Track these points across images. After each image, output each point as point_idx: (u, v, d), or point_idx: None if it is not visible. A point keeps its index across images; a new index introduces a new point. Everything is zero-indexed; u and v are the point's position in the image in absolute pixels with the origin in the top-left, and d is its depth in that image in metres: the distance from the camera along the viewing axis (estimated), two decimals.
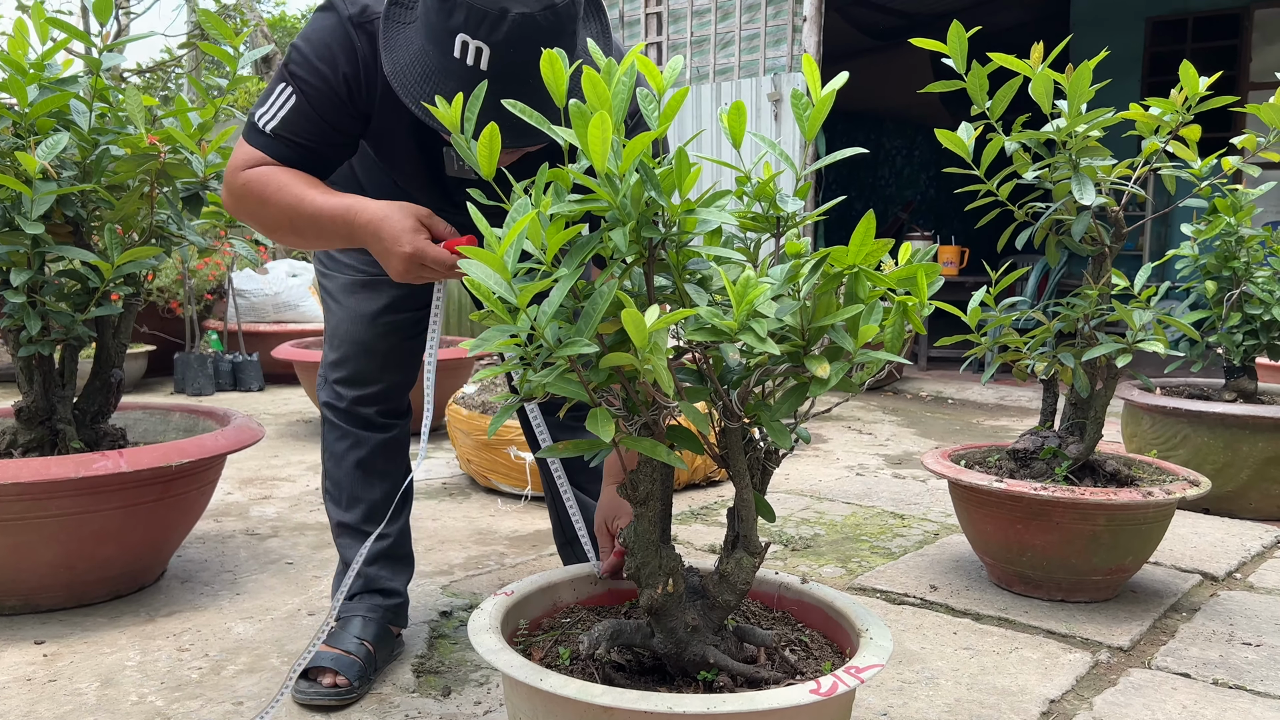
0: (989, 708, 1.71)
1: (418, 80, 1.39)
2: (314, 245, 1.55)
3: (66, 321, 2.11)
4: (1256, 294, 2.98)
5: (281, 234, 1.53)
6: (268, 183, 1.49)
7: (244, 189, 1.51)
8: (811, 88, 1.30)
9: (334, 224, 1.46)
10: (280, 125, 1.50)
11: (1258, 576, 2.45)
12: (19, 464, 1.93)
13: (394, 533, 1.88)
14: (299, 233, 1.51)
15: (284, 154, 1.50)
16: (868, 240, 1.21)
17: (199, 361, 5.25)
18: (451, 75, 1.37)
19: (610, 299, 1.10)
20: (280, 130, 1.50)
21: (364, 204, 1.44)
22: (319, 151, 1.53)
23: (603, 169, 1.08)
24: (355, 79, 1.50)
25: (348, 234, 1.45)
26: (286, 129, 1.50)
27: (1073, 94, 2.00)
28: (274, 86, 1.52)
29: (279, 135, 1.50)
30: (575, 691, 1.12)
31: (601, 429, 1.09)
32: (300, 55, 1.50)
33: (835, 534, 2.79)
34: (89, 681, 1.77)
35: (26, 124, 2.06)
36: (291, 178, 1.49)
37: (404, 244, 1.38)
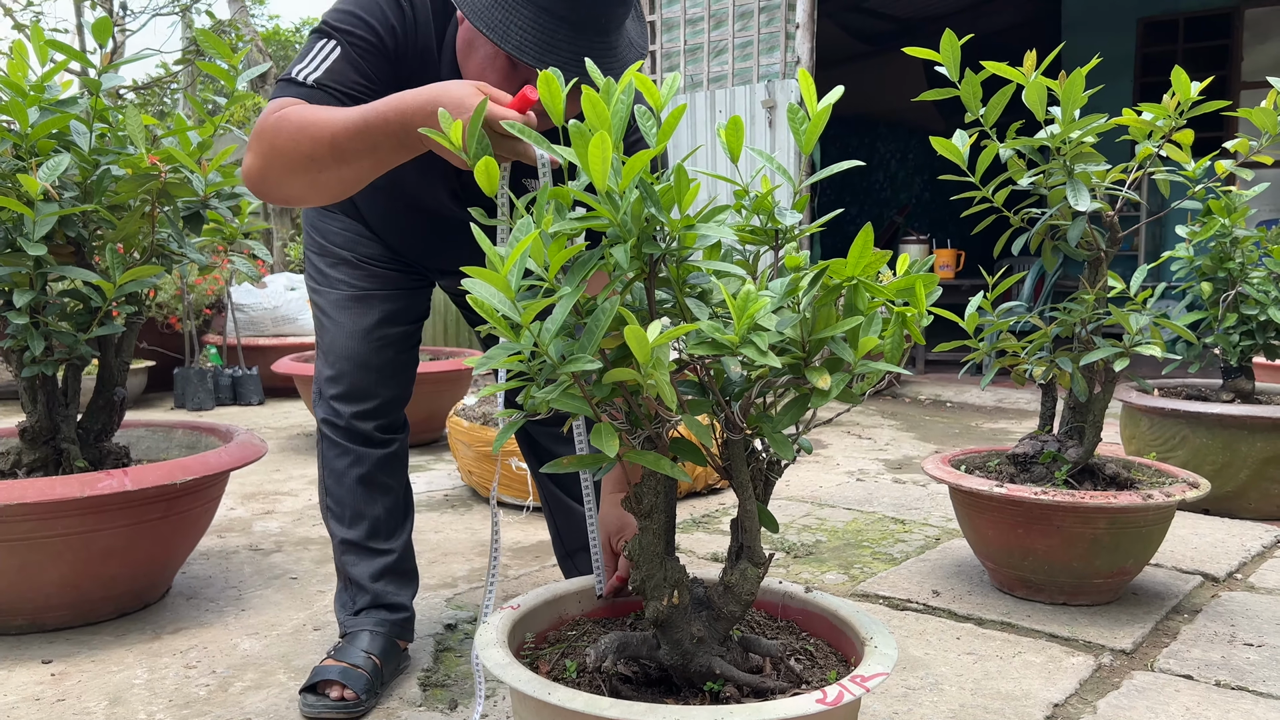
0: (993, 713, 1.72)
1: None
2: (358, 165, 1.40)
3: (69, 341, 2.12)
4: (1252, 294, 2.99)
5: (320, 164, 1.40)
6: (305, 111, 1.40)
7: (279, 121, 1.41)
8: (807, 101, 1.31)
9: (382, 118, 1.34)
10: (324, 75, 1.45)
11: (1258, 577, 2.47)
12: (24, 484, 1.94)
13: (398, 548, 1.89)
14: (340, 153, 1.38)
15: (325, 102, 1.45)
16: (866, 251, 1.22)
17: (199, 376, 5.26)
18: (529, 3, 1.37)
19: (612, 315, 1.11)
20: (324, 80, 1.45)
21: (409, 91, 1.35)
22: (347, 97, 1.46)
23: (603, 187, 1.10)
24: (402, 34, 1.50)
25: (400, 122, 1.33)
26: (330, 78, 1.45)
27: (1066, 100, 2.02)
28: (312, 45, 1.48)
29: (321, 84, 1.45)
30: (583, 705, 1.13)
31: (606, 444, 1.10)
32: (343, 12, 1.48)
33: (837, 540, 2.80)
34: (97, 700, 1.78)
35: (27, 145, 2.08)
36: (329, 108, 1.41)
37: (468, 86, 1.31)
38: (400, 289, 1.86)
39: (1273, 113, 2.06)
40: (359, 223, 1.85)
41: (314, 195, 1.47)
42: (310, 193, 1.46)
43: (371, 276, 1.84)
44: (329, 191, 1.46)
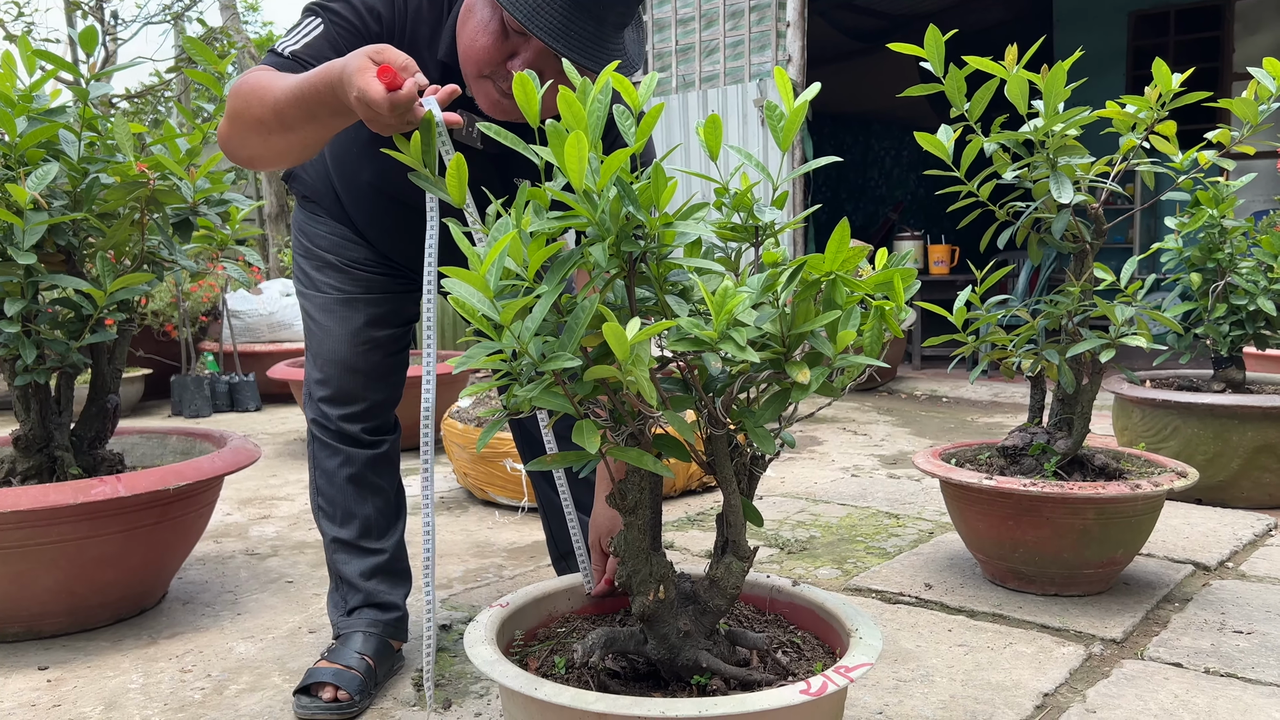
0: (984, 703, 1.73)
1: None
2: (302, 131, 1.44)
3: (62, 349, 2.13)
4: (1241, 284, 3.00)
5: (269, 128, 1.45)
6: (263, 76, 1.45)
7: (241, 84, 1.46)
8: (784, 99, 1.32)
9: (313, 86, 1.38)
10: (300, 49, 1.50)
11: (1249, 565, 2.48)
12: (18, 492, 1.95)
13: (390, 547, 1.90)
14: (283, 119, 1.42)
15: (283, 64, 1.49)
16: (844, 246, 1.23)
17: (195, 384, 5.27)
18: None
19: (592, 313, 1.12)
20: (300, 53, 1.49)
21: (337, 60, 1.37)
22: None
23: (580, 186, 1.11)
24: (389, 19, 1.53)
25: (329, 88, 1.36)
26: (306, 52, 1.49)
27: (1048, 94, 2.03)
28: (300, 20, 1.53)
29: (297, 56, 1.49)
30: (570, 699, 1.14)
31: (588, 441, 1.11)
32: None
33: (831, 536, 2.81)
34: (93, 706, 1.79)
35: (16, 155, 2.09)
36: (282, 75, 1.45)
37: (358, 55, 1.33)
38: (388, 292, 1.87)
39: (1253, 103, 2.07)
40: (346, 226, 1.86)
41: (271, 157, 1.51)
42: (267, 154, 1.50)
43: (358, 280, 1.85)
44: (283, 154, 1.50)
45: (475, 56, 1.48)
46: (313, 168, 1.84)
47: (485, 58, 1.46)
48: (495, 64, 1.47)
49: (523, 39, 1.45)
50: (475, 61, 1.48)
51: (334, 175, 1.81)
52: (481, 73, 1.49)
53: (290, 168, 1.67)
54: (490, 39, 1.45)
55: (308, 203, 1.88)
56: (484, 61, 1.47)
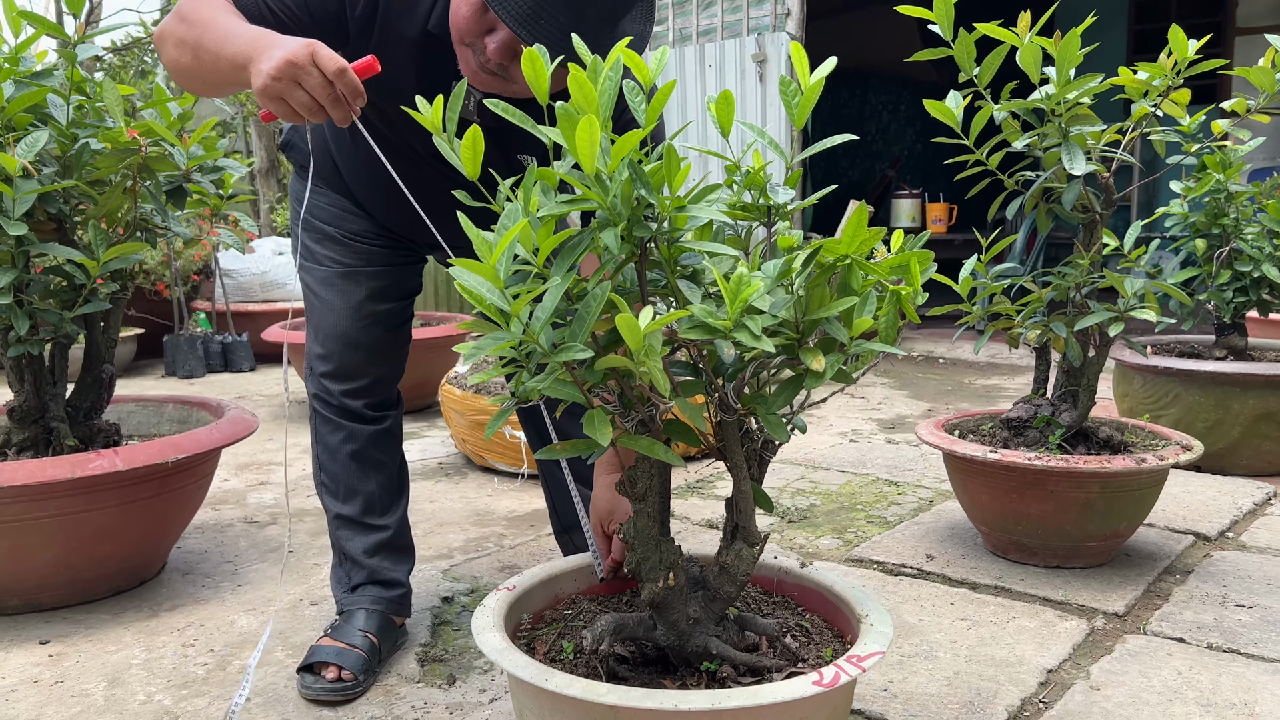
0: (988, 680, 1.73)
1: None
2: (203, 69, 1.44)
3: (55, 320, 2.10)
4: (1246, 250, 2.98)
5: (189, 52, 1.45)
6: (210, 3, 1.45)
7: (188, 3, 1.46)
8: (800, 75, 1.29)
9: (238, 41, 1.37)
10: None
11: (1250, 535, 2.48)
12: (14, 466, 1.92)
13: (393, 523, 1.88)
14: (198, 49, 1.43)
15: (247, 6, 1.47)
16: (860, 229, 1.20)
17: (189, 344, 5.23)
18: None
19: (604, 301, 1.09)
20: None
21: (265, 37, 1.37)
22: (280, 28, 1.48)
23: (592, 170, 1.07)
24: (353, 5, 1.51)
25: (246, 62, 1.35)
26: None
27: (1061, 61, 1.99)
28: None
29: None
30: (581, 691, 1.13)
31: (599, 433, 1.09)
32: None
33: (831, 504, 2.81)
34: (96, 681, 1.78)
35: (3, 121, 2.03)
36: (225, 17, 1.44)
37: (301, 41, 1.32)
38: (389, 265, 1.84)
39: (1270, 71, 2.03)
40: (345, 198, 1.83)
41: (181, 77, 1.50)
42: (177, 74, 1.50)
43: (358, 253, 1.81)
44: (189, 81, 1.50)
45: (457, 24, 1.45)
46: (311, 137, 1.80)
47: (465, 27, 1.43)
48: (474, 35, 1.43)
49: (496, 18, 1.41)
50: (457, 29, 1.45)
51: (332, 145, 1.77)
52: (462, 40, 1.45)
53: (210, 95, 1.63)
54: (470, 10, 1.42)
55: (306, 173, 1.84)
56: (464, 31, 1.44)
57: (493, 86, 1.47)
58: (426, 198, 1.72)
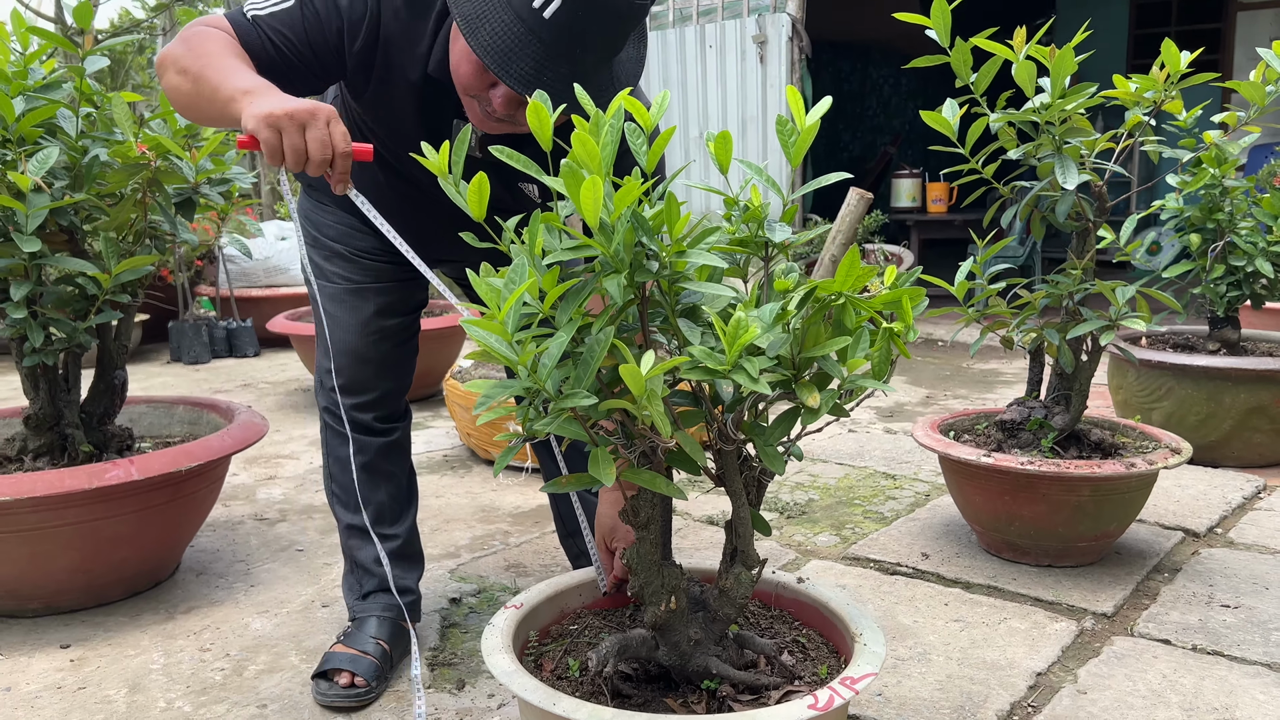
0: (979, 683, 1.80)
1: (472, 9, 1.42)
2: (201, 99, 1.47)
3: (68, 330, 2.14)
4: (1240, 245, 3.01)
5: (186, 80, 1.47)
6: (217, 43, 1.47)
7: (199, 34, 1.49)
8: (796, 116, 1.32)
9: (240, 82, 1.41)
10: (266, 18, 1.51)
11: (1238, 531, 2.54)
12: (34, 477, 1.98)
13: (403, 532, 1.94)
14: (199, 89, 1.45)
15: (251, 41, 1.50)
16: (854, 268, 1.25)
17: (194, 330, 5.28)
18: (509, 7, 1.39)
19: (607, 346, 1.14)
20: (263, 20, 1.50)
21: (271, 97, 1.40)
22: (284, 61, 1.52)
23: (595, 224, 1.11)
24: (353, 35, 1.53)
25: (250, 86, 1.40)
26: (269, 23, 1.50)
27: (1055, 75, 2.02)
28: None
29: (259, 23, 1.50)
30: (586, 716, 1.18)
31: (604, 473, 1.14)
32: None
33: (829, 498, 2.87)
34: (117, 688, 1.85)
35: (15, 136, 2.07)
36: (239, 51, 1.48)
37: (328, 106, 1.37)
38: (396, 280, 1.88)
39: (1260, 86, 2.06)
40: (353, 215, 1.86)
41: (178, 104, 1.52)
42: (176, 100, 1.51)
43: (366, 270, 1.86)
44: (186, 109, 1.51)
45: (460, 79, 1.50)
46: None
47: (468, 82, 1.48)
48: (478, 90, 1.48)
49: None
50: (460, 82, 1.50)
51: None
52: (467, 92, 1.50)
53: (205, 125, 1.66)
54: (471, 68, 1.46)
55: (314, 191, 1.88)
56: (467, 85, 1.49)
57: (500, 129, 1.51)
58: (427, 222, 1.77)
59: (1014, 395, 4.19)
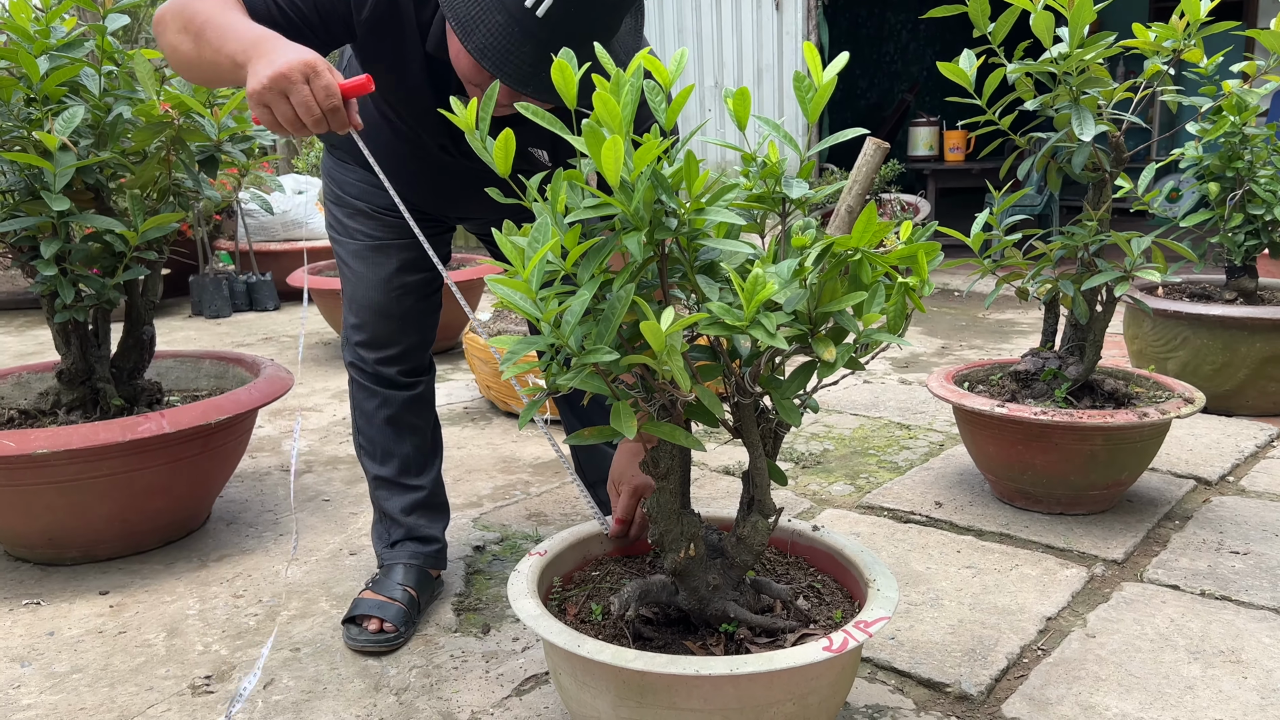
0: (990, 628, 1.84)
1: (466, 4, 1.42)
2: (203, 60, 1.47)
3: (97, 287, 2.19)
4: (1259, 194, 3.00)
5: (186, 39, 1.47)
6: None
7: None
8: (813, 72, 1.34)
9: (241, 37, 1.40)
10: None
11: (1249, 479, 2.57)
12: (70, 431, 2.03)
13: (428, 483, 1.99)
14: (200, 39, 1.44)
15: (255, 3, 1.49)
16: (871, 224, 1.27)
17: (214, 284, 5.33)
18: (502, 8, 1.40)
19: (628, 303, 1.17)
20: None
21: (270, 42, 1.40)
22: (288, 25, 1.51)
23: (616, 183, 1.14)
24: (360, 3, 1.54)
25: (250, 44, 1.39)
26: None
27: (1074, 25, 2.01)
28: None
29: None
30: (610, 657, 1.23)
31: (625, 426, 1.18)
32: None
33: (844, 448, 2.91)
34: (156, 632, 1.92)
35: (40, 95, 2.09)
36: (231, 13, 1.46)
37: (304, 55, 1.36)
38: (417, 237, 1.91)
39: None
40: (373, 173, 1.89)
41: (179, 65, 1.52)
42: (176, 60, 1.51)
43: (388, 226, 1.89)
44: (186, 70, 1.51)
45: (461, 69, 1.51)
46: None
47: (470, 74, 1.50)
48: (480, 82, 1.49)
49: None
50: (461, 73, 1.52)
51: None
52: (470, 82, 1.51)
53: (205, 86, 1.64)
54: (469, 62, 1.48)
55: (336, 150, 1.90)
56: (469, 76, 1.51)
57: (504, 112, 1.53)
58: (446, 185, 1.80)
59: (1029, 345, 4.21)
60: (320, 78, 1.37)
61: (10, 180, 2.10)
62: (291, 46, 1.39)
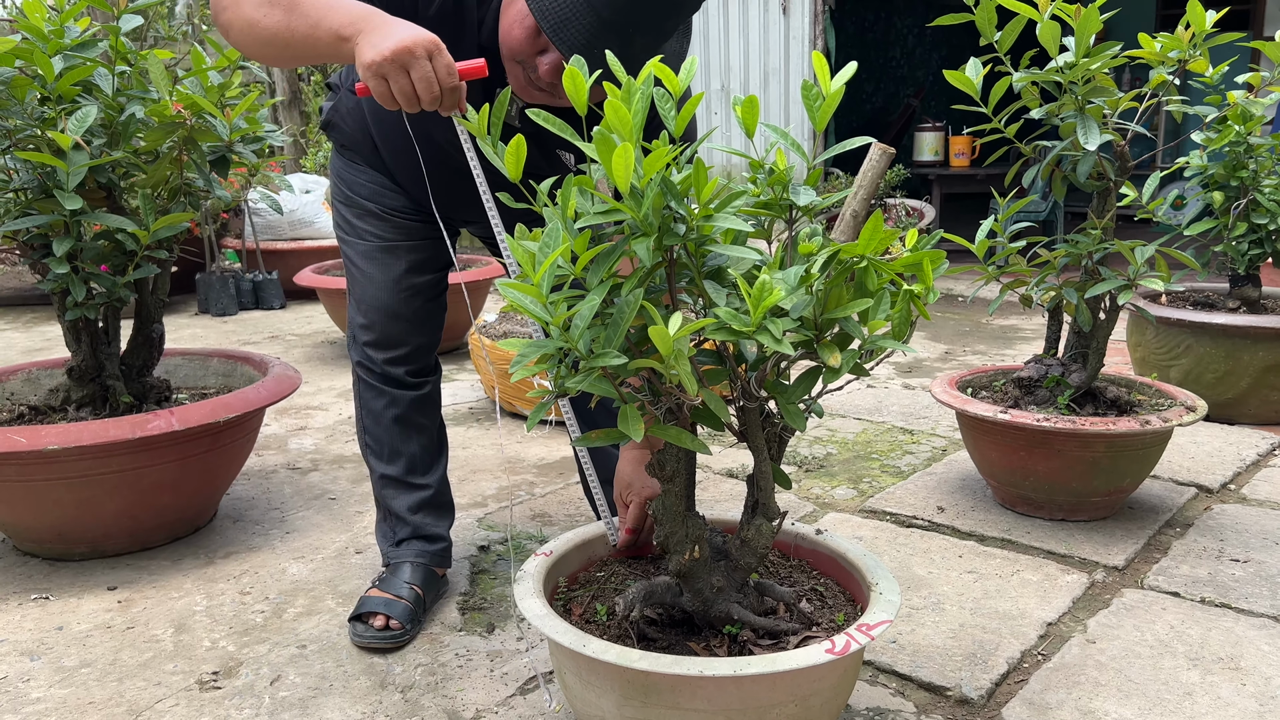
0: (990, 632, 1.86)
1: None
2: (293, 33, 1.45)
3: (108, 285, 2.21)
4: (1264, 203, 3.01)
5: (277, 11, 1.45)
6: None
7: None
8: (821, 80, 1.35)
9: (345, 10, 1.40)
10: None
11: (1250, 488, 2.58)
12: (80, 427, 2.05)
13: (434, 482, 2.01)
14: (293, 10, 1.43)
15: None
16: (877, 231, 1.29)
17: (221, 282, 5.35)
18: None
19: (636, 307, 1.19)
20: None
21: (377, 17, 1.40)
22: None
23: (626, 190, 1.16)
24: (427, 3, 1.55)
25: (357, 17, 1.39)
26: None
27: (1080, 34, 2.03)
28: None
29: None
30: (615, 657, 1.25)
31: (632, 429, 1.20)
32: None
33: (847, 453, 2.92)
34: (163, 628, 1.93)
35: (55, 94, 2.11)
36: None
37: (426, 33, 1.37)
38: (427, 239, 1.93)
39: None
40: (383, 174, 1.91)
41: (256, 42, 1.49)
42: (255, 36, 1.48)
43: (397, 228, 1.90)
44: (268, 46, 1.48)
45: (510, 44, 1.52)
46: (351, 117, 1.87)
47: (518, 48, 1.51)
48: (526, 55, 1.51)
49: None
50: (509, 47, 1.52)
51: (372, 128, 1.84)
52: (515, 58, 1.52)
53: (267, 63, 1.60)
54: (524, 33, 1.48)
55: (346, 151, 1.92)
56: (516, 50, 1.51)
57: (539, 99, 1.55)
58: (459, 185, 1.81)
59: (1033, 351, 4.22)
60: (443, 55, 1.39)
61: (23, 179, 2.12)
62: (407, 23, 1.40)
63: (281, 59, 1.52)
